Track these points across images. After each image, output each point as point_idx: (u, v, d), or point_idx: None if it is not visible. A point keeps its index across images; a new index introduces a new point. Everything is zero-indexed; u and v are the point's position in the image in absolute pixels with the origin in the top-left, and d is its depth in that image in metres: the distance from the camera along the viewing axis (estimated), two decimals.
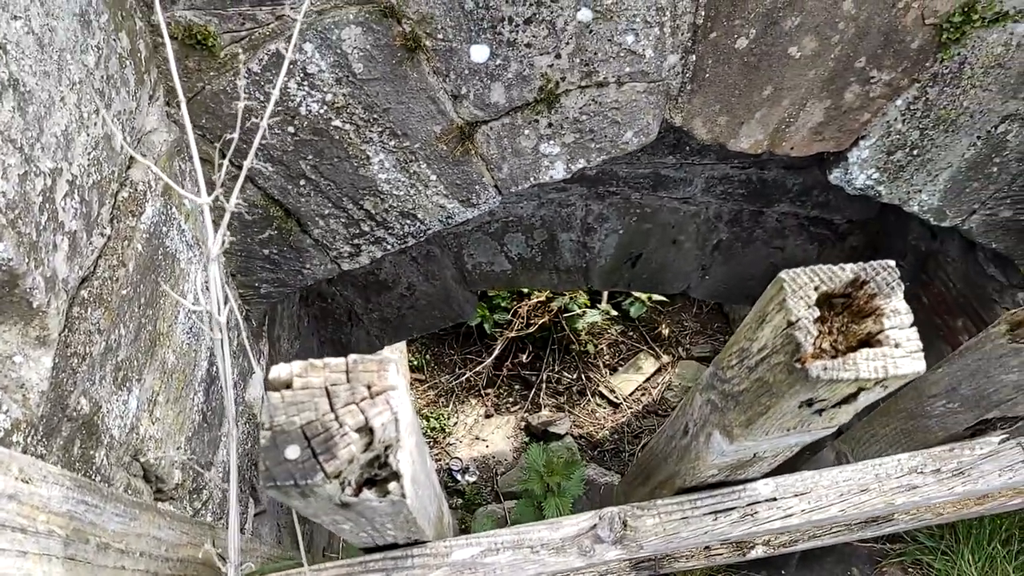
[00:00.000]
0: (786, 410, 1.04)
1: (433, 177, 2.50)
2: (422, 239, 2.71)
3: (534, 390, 6.36)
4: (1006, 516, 2.26)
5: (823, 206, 4.12)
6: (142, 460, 1.82)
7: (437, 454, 5.81)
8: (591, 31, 2.23)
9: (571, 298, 6.32)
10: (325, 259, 2.69)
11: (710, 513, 1.45)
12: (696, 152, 3.81)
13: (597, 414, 6.19)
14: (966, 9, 2.28)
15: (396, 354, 6.02)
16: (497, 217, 4.06)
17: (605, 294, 6.58)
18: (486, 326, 6.30)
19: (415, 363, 6.51)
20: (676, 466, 1.50)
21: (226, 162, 1.17)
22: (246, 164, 1.14)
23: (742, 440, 1.19)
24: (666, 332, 6.78)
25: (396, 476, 0.96)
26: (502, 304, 6.22)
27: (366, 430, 0.88)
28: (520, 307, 6.19)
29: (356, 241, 2.65)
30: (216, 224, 1.02)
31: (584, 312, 6.38)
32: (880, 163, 2.70)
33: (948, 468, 1.47)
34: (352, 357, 0.90)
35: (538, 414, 6.09)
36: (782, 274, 0.97)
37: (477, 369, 6.35)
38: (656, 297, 6.58)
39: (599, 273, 4.40)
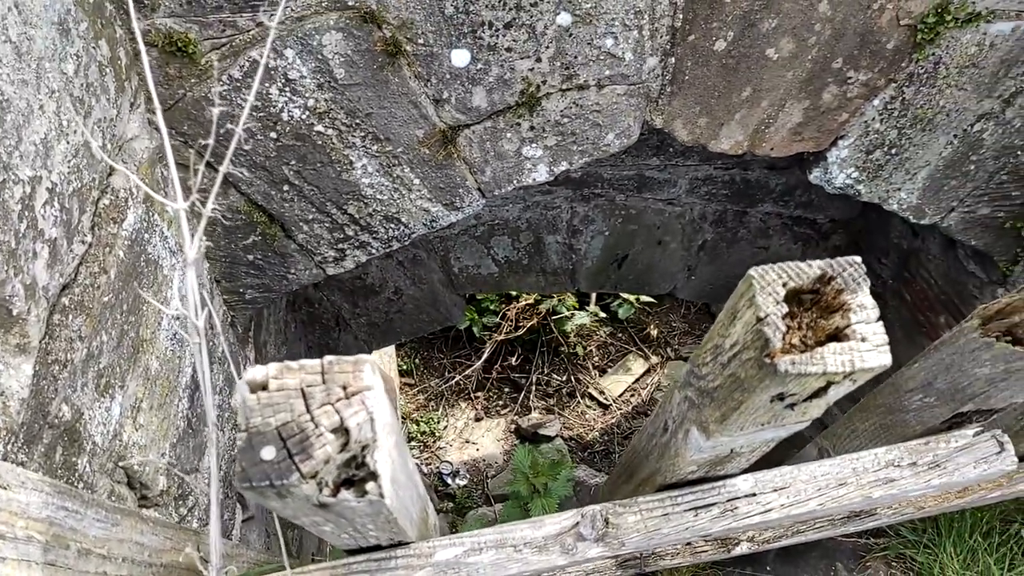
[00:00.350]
0: (758, 405, 1.05)
1: (416, 181, 2.51)
2: (407, 243, 2.72)
3: (524, 393, 6.38)
4: (987, 509, 2.28)
5: (806, 206, 4.16)
6: (126, 466, 1.81)
7: (427, 458, 5.81)
8: (571, 35, 2.25)
9: (559, 300, 6.33)
10: (310, 264, 2.69)
11: (690, 509, 1.46)
12: (680, 154, 3.84)
13: (587, 416, 6.20)
14: (939, 10, 2.31)
15: (385, 359, 6.01)
16: (483, 220, 4.07)
17: (593, 296, 6.61)
18: (475, 329, 6.30)
19: (404, 367, 6.51)
20: (657, 463, 1.52)
21: (202, 167, 1.17)
22: (222, 169, 1.15)
23: (718, 436, 1.20)
24: (655, 333, 6.81)
25: (374, 476, 0.97)
26: (491, 307, 6.23)
27: (342, 430, 0.89)
28: (509, 310, 6.20)
29: (341, 246, 2.65)
30: (194, 229, 1.03)
31: (573, 314, 6.40)
32: (859, 162, 2.73)
33: (924, 461, 1.49)
34: (328, 358, 0.91)
35: (528, 416, 6.10)
36: (751, 271, 0.99)
37: (466, 372, 6.35)
38: (644, 298, 6.61)
39: (586, 275, 4.42)
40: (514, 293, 6.30)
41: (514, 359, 6.50)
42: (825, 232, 4.32)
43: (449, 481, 5.68)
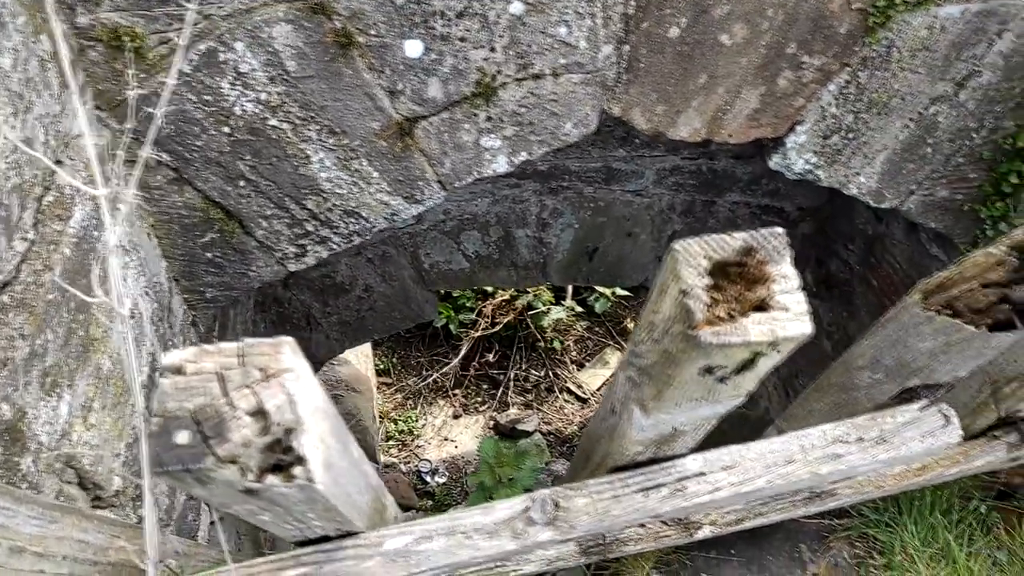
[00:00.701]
0: (688, 379, 1.05)
1: (375, 174, 2.50)
2: (368, 237, 2.70)
3: (502, 389, 6.37)
4: (945, 487, 2.31)
5: (773, 194, 4.18)
6: (76, 467, 1.79)
7: (406, 457, 5.79)
8: (524, 24, 2.24)
9: (535, 296, 6.34)
10: (271, 260, 2.67)
11: (640, 490, 1.46)
12: (645, 144, 3.85)
13: (565, 410, 6.21)
14: None
15: (362, 358, 5.99)
16: (452, 215, 4.06)
17: (569, 291, 6.61)
18: (452, 327, 6.29)
19: (381, 367, 6.49)
20: (607, 446, 1.52)
21: (120, 153, 1.15)
22: (141, 154, 1.13)
23: (657, 413, 1.20)
24: (631, 326, 6.82)
25: (301, 461, 0.96)
26: (467, 304, 6.22)
27: (260, 413, 0.88)
28: (485, 306, 6.19)
29: (301, 241, 2.63)
30: (125, 217, 1.01)
31: (549, 309, 6.40)
32: (817, 147, 2.75)
33: (871, 436, 1.50)
34: (246, 340, 0.90)
35: (506, 412, 6.09)
36: (675, 244, 0.98)
37: (444, 370, 6.34)
38: (620, 292, 6.63)
39: (557, 268, 4.42)
40: (490, 290, 6.29)
41: (492, 355, 6.50)
42: (793, 220, 4.35)
43: (428, 479, 5.67)
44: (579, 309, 6.61)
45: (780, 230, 0.95)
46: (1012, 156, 2.78)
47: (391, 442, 5.92)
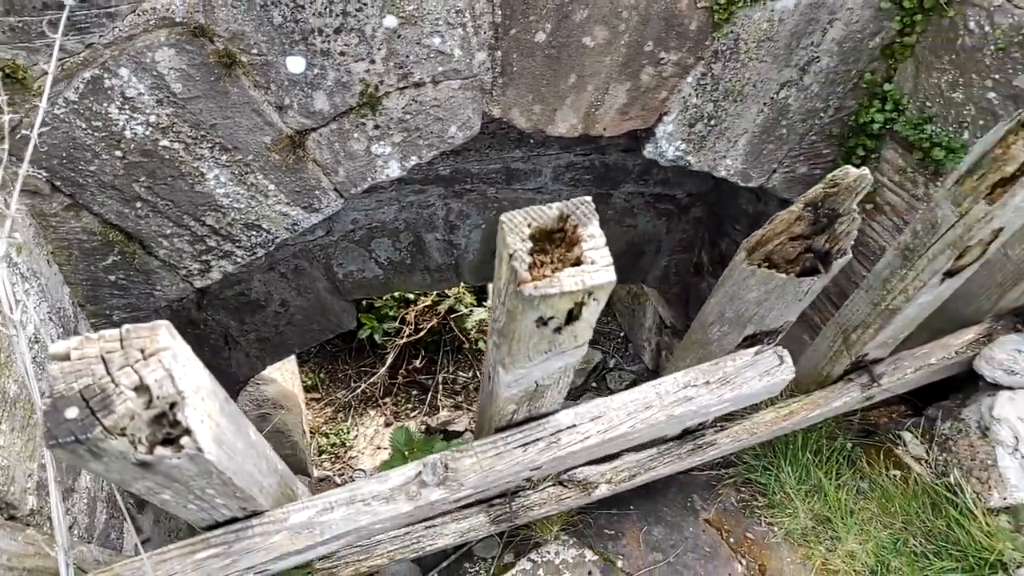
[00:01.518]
0: (529, 331, 1.23)
1: (272, 187, 2.60)
2: (272, 248, 2.80)
3: (431, 393, 6.49)
4: (813, 429, 2.58)
5: (664, 183, 4.47)
6: None
7: (340, 469, 5.84)
8: (400, 36, 2.40)
9: (457, 298, 6.49)
10: (175, 278, 2.73)
11: (520, 446, 1.63)
12: (540, 144, 4.06)
13: None
14: None
15: (288, 375, 6.00)
16: (361, 224, 4.17)
17: (491, 290, 6.79)
18: (376, 336, 6.37)
19: (309, 382, 6.51)
20: (489, 410, 1.68)
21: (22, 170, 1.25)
22: (21, 173, 1.23)
23: (515, 369, 1.37)
24: None
25: (188, 432, 1.09)
26: (390, 313, 6.31)
27: (143, 388, 1.01)
28: (407, 313, 6.30)
29: (204, 257, 2.71)
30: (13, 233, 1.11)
31: (472, 311, 6.56)
32: (684, 135, 3.01)
33: (716, 378, 1.72)
34: (125, 327, 1.02)
35: (437, 416, 6.21)
36: (503, 217, 1.16)
37: (372, 380, 6.41)
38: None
39: (469, 268, 4.59)
40: (412, 296, 6.41)
41: (419, 361, 6.61)
42: (685, 206, 4.65)
43: None
44: None
45: (587, 199, 1.14)
46: (857, 132, 3.11)
47: (324, 456, 5.95)
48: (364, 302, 6.25)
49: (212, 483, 1.29)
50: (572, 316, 1.20)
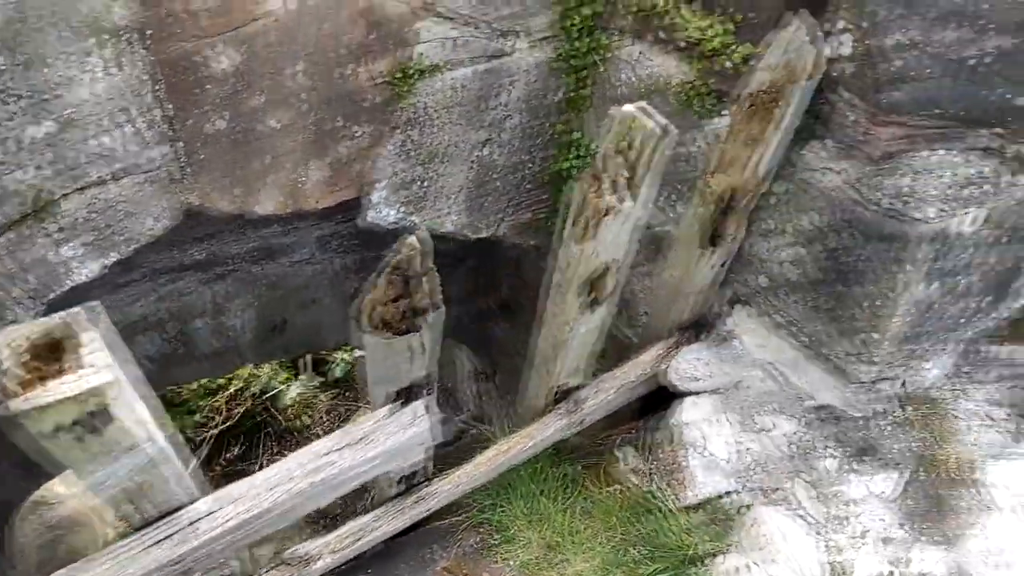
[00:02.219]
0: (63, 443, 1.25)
1: None
2: None
3: None
4: (536, 459, 2.73)
5: (433, 238, 4.62)
6: None
7: None
8: (64, 139, 2.38)
9: (270, 378, 6.31)
10: None
11: (153, 544, 1.62)
12: (296, 216, 4.09)
13: None
14: (401, 69, 2.78)
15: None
16: (116, 322, 3.99)
17: (307, 363, 6.67)
18: (187, 431, 6.05)
19: None
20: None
21: None
22: None
23: (90, 477, 1.38)
24: None
25: None
26: (196, 405, 6.03)
27: None
28: (215, 402, 6.05)
29: None
30: None
31: (288, 387, 6.40)
32: (401, 199, 3.16)
33: (356, 438, 1.80)
34: None
35: None
36: None
37: None
38: (359, 352, 6.80)
39: (250, 347, 4.50)
40: (220, 383, 6.16)
41: (237, 449, 6.33)
42: (460, 257, 4.83)
43: None
44: (319, 379, 6.67)
45: (78, 309, 1.18)
46: (560, 179, 3.39)
47: None
48: (167, 396, 5.94)
49: None
50: (92, 422, 1.23)
